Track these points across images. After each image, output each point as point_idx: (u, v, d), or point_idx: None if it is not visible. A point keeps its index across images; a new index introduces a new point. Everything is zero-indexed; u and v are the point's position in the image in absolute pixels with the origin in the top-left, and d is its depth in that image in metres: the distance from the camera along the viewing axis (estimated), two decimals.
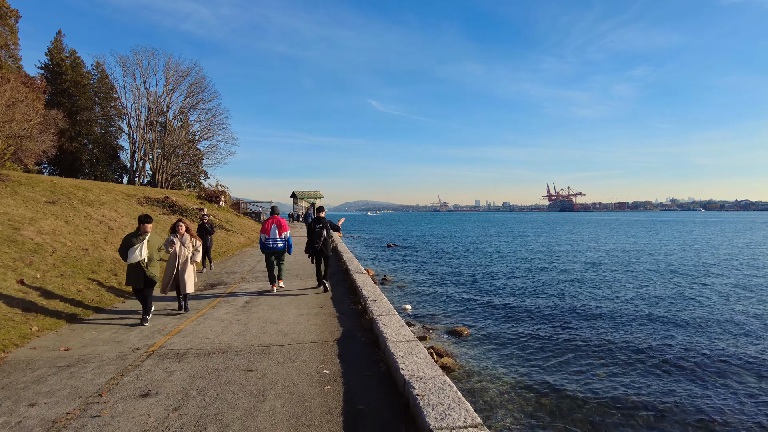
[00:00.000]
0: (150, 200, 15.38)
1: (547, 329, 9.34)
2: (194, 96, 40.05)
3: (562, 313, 10.70)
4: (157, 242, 5.29)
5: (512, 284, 14.45)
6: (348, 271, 7.97)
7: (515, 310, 11.21)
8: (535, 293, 13.02)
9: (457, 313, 10.86)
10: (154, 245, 5.20)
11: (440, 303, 11.87)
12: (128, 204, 13.52)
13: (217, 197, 22.78)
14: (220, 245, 13.61)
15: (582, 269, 17.24)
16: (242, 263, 10.80)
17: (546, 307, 11.25)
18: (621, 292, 12.64)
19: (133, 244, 4.95)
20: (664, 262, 18.78)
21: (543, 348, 7.59)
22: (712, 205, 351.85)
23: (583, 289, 13.19)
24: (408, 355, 3.18)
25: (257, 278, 8.53)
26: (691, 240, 31.89)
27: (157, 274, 5.18)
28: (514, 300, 12.30)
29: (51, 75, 39.96)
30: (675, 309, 10.38)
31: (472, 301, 12.03)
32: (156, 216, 13.61)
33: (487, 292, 13.18)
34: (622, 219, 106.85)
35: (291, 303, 6.01)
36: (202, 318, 5.28)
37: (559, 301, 11.85)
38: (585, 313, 10.44)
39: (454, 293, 13.11)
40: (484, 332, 9.27)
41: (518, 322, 10.07)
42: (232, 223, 19.22)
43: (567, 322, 9.76)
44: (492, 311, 11.12)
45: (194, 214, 16.12)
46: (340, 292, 6.66)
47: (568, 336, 8.58)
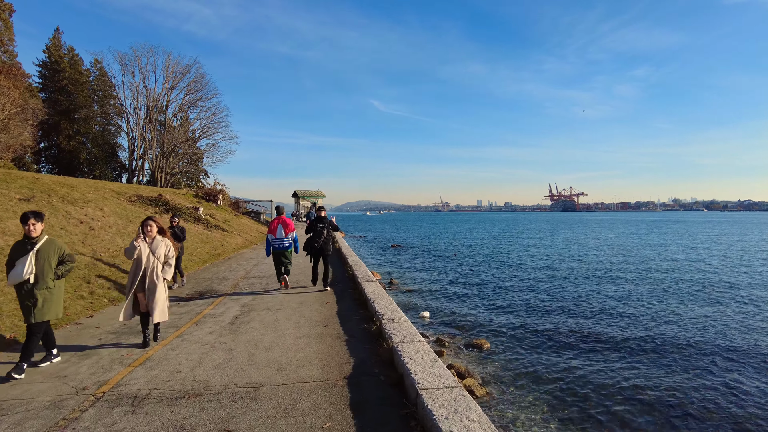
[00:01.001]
0: (142, 198, 14.44)
1: (570, 338, 8.47)
2: (194, 94, 39.18)
3: (582, 319, 9.71)
4: (55, 250, 3.55)
5: (526, 288, 13.38)
6: (355, 278, 6.95)
7: (533, 317, 10.18)
8: (552, 298, 11.96)
9: (473, 322, 9.85)
10: (49, 255, 3.50)
11: (453, 309, 10.85)
12: (117, 203, 12.57)
13: (215, 196, 21.84)
14: (215, 247, 12.63)
15: (599, 272, 16.11)
16: (237, 267, 9.80)
17: (564, 313, 10.22)
18: (652, 302, 11.53)
19: (21, 256, 3.41)
20: (691, 267, 17.65)
21: (571, 364, 6.63)
22: (715, 206, 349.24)
23: (601, 293, 12.09)
24: (454, 415, 2.17)
25: (252, 285, 7.53)
26: (707, 241, 30.68)
27: (50, 310, 3.47)
28: (530, 305, 11.26)
29: (49, 73, 39.25)
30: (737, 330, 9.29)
31: (486, 308, 11.00)
32: (146, 215, 12.66)
33: (500, 297, 12.14)
34: (625, 219, 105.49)
35: (289, 319, 5.00)
36: (179, 340, 4.28)
37: (578, 307, 10.81)
38: (610, 318, 9.39)
39: (466, 298, 12.08)
40: (505, 344, 8.31)
41: (539, 331, 9.07)
42: (230, 223, 18.26)
43: (587, 329, 8.85)
44: (509, 318, 10.08)
45: (189, 213, 15.17)
46: (347, 304, 5.64)
47: (593, 346, 7.72)
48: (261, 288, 7.30)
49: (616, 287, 13.39)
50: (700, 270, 16.48)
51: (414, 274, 16.73)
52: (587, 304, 11.35)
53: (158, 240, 4.16)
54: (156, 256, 4.08)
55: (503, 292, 12.91)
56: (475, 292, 13.03)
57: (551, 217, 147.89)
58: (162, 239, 4.19)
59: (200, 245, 11.95)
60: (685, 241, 30.50)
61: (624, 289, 13.23)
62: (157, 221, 4.23)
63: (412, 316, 10.24)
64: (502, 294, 12.57)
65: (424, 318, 10.20)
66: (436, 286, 13.95)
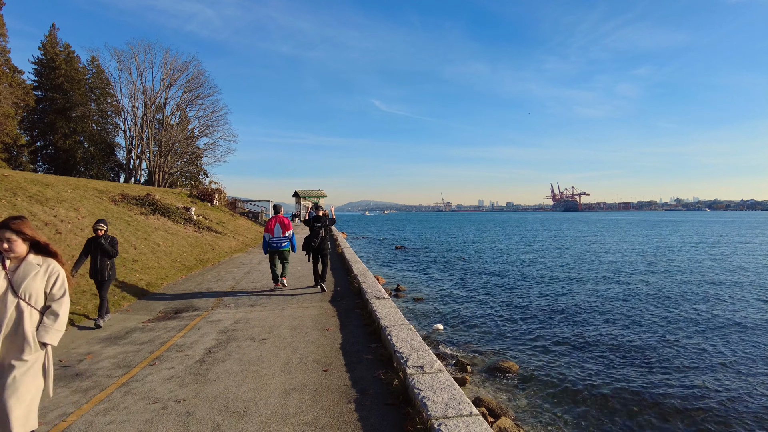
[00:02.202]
0: (127, 198, 13.27)
1: (609, 353, 7.43)
2: (192, 91, 38.14)
3: (617, 329, 8.50)
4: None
5: (545, 294, 12.07)
6: (362, 293, 5.72)
7: (559, 328, 8.96)
8: (576, 305, 10.67)
9: (493, 336, 8.63)
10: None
11: (468, 320, 9.62)
12: (97, 202, 11.40)
13: (210, 196, 20.68)
14: (204, 251, 11.43)
15: (623, 276, 14.75)
16: (225, 276, 8.59)
17: (594, 322, 8.99)
18: (687, 308, 10.20)
19: None
20: (716, 268, 16.29)
21: (616, 386, 5.50)
22: (718, 205, 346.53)
23: (631, 299, 10.75)
24: None
25: (238, 300, 6.32)
26: (730, 243, 29.27)
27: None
28: (552, 314, 10.01)
29: (44, 70, 38.32)
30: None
31: (505, 318, 9.76)
32: (131, 216, 11.49)
33: (518, 306, 10.88)
34: (629, 219, 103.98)
35: (277, 356, 3.76)
36: (122, 392, 3.06)
37: (610, 315, 9.57)
38: (647, 328, 8.12)
39: (481, 307, 10.84)
40: (534, 365, 7.17)
41: (569, 346, 7.85)
42: (225, 224, 17.08)
43: (625, 342, 7.72)
44: (533, 331, 8.84)
45: (179, 214, 14.00)
46: (354, 332, 4.40)
47: (633, 360, 6.61)
48: (249, 304, 6.09)
49: (644, 292, 12.06)
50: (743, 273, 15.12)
51: (422, 278, 15.49)
52: (619, 312, 10.06)
53: (30, 264, 2.09)
54: (23, 296, 2.02)
55: (520, 299, 11.64)
56: (490, 299, 11.78)
57: (554, 217, 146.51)
58: (43, 263, 2.13)
59: (187, 249, 10.77)
60: (708, 243, 29.07)
61: (654, 292, 11.91)
62: (24, 228, 2.09)
63: (425, 328, 9.02)
64: (519, 302, 11.30)
65: (437, 331, 8.99)
66: (446, 293, 12.71)
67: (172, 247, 10.25)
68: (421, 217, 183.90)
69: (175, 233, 11.75)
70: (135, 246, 9.02)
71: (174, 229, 12.23)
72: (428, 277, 15.54)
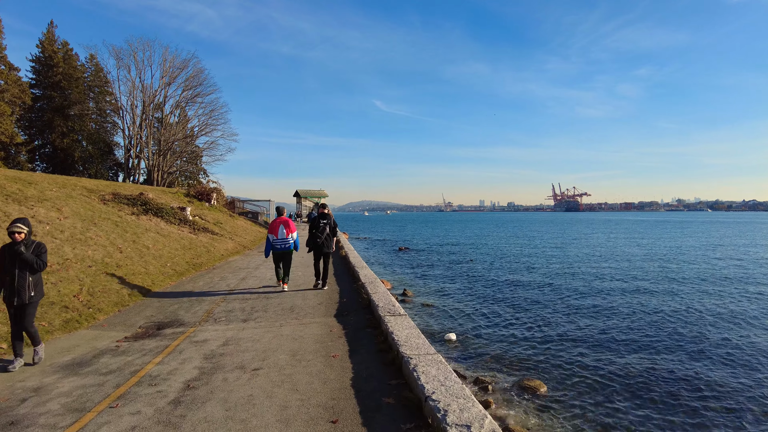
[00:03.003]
0: (118, 197, 12.51)
1: (645, 374, 6.46)
2: (192, 89, 37.49)
3: (646, 339, 7.63)
4: None
5: (562, 300, 11.24)
6: (373, 308, 4.92)
7: (584, 338, 8.14)
8: (603, 316, 9.84)
9: (512, 347, 7.84)
10: None
11: (483, 329, 8.82)
12: (84, 202, 10.64)
13: (207, 195, 19.92)
14: (199, 254, 10.65)
15: (642, 280, 13.86)
16: (219, 283, 7.80)
17: (624, 336, 8.10)
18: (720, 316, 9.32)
19: None
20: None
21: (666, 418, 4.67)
22: (720, 206, 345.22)
23: (655, 306, 9.87)
24: None
25: (231, 312, 5.53)
26: (737, 244, 28.36)
27: None
28: (574, 320, 9.18)
29: (42, 68, 37.75)
30: None
31: (522, 326, 8.97)
32: (120, 217, 10.73)
33: (536, 313, 10.05)
34: (632, 219, 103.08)
35: (272, 395, 2.97)
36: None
37: (639, 327, 8.69)
38: (677, 340, 7.27)
39: (496, 314, 10.03)
40: (565, 384, 6.45)
41: (599, 361, 7.09)
42: (222, 225, 16.31)
43: (658, 360, 6.82)
44: (556, 342, 8.05)
45: (173, 214, 13.23)
46: (368, 362, 3.58)
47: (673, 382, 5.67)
48: (243, 318, 5.31)
49: (672, 296, 11.14)
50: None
51: (429, 282, 14.68)
52: (650, 325, 9.18)
53: None
54: None
55: (537, 306, 10.81)
56: (504, 306, 10.96)
57: (556, 217, 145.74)
58: None
59: (179, 252, 9.99)
60: (733, 245, 28.15)
61: (686, 295, 10.98)
62: None
63: (434, 337, 8.24)
64: (536, 309, 10.48)
65: (450, 341, 8.20)
66: (456, 299, 11.91)
67: (162, 250, 9.48)
68: (423, 217, 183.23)
69: (167, 235, 10.98)
70: (120, 249, 8.25)
71: (167, 230, 11.47)
72: (436, 281, 14.74)
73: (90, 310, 5.35)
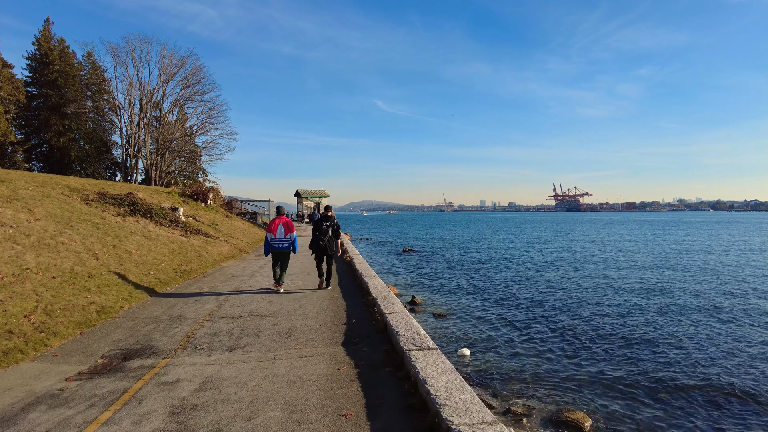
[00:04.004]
0: (104, 196, 11.53)
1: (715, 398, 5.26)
2: (191, 87, 36.65)
3: (705, 354, 6.46)
4: None
5: (590, 309, 10.12)
6: (391, 336, 3.90)
7: (626, 359, 7.06)
8: (638, 326, 8.71)
9: (542, 367, 6.84)
10: None
11: (505, 346, 7.80)
12: (63, 202, 9.66)
13: (204, 195, 18.94)
14: (189, 259, 9.65)
15: (674, 284, 12.74)
16: (207, 294, 6.79)
17: (670, 355, 6.95)
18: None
19: None
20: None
21: None
22: (721, 206, 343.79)
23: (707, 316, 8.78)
24: None
25: (216, 336, 4.52)
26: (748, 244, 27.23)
27: None
28: (608, 337, 8.09)
29: (38, 65, 36.97)
30: None
31: (550, 342, 7.95)
32: (103, 218, 9.74)
33: (564, 324, 9.02)
34: (635, 219, 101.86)
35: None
36: None
37: (690, 342, 7.48)
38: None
39: (519, 327, 9.01)
40: (615, 418, 5.37)
41: (649, 390, 5.98)
42: (218, 226, 15.32)
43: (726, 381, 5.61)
44: (587, 360, 7.04)
45: (163, 215, 12.24)
46: (392, 425, 2.58)
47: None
48: (230, 343, 4.30)
49: (716, 309, 10.00)
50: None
51: (438, 288, 13.67)
52: (700, 337, 7.98)
53: None
54: None
55: (562, 315, 9.77)
56: (523, 315, 9.92)
57: (558, 217, 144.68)
58: None
59: (167, 258, 9.00)
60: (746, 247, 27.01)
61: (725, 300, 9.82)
62: None
63: (453, 348, 7.24)
64: (561, 319, 9.43)
65: (464, 357, 7.20)
66: (471, 308, 10.89)
67: (147, 256, 8.49)
68: (424, 217, 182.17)
69: (155, 238, 10.00)
70: (97, 255, 7.26)
71: (155, 233, 10.48)
72: (446, 287, 13.72)
73: (42, 335, 4.36)
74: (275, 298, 6.34)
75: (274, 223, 6.90)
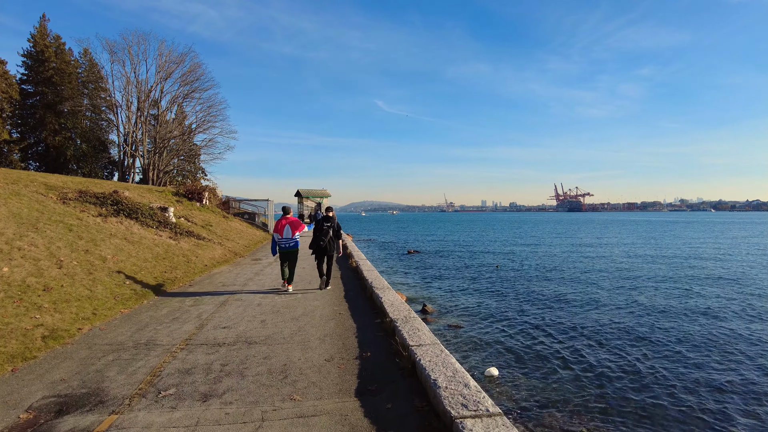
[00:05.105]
0: (85, 195, 10.46)
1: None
2: (189, 84, 35.69)
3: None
4: None
5: (618, 317, 8.82)
6: (425, 384, 2.77)
7: (675, 376, 5.88)
8: (687, 337, 7.43)
9: (583, 393, 5.70)
10: None
11: (534, 361, 6.70)
12: (34, 201, 8.58)
13: (199, 194, 17.87)
14: (175, 265, 8.53)
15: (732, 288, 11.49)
16: (189, 311, 5.66)
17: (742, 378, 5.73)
18: None
19: None
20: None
21: None
22: (723, 206, 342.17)
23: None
24: None
25: (189, 375, 3.41)
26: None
27: None
28: (652, 354, 6.90)
29: (33, 63, 36.13)
30: None
31: (583, 358, 6.82)
32: (79, 219, 8.66)
33: (593, 336, 7.88)
34: (639, 219, 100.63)
35: None
36: None
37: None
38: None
39: (544, 341, 7.87)
40: None
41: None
42: (213, 227, 14.22)
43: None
44: (632, 382, 5.85)
45: (151, 215, 11.15)
46: None
47: None
48: (205, 389, 3.19)
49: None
50: None
51: (450, 294, 12.54)
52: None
53: None
54: None
55: (591, 327, 8.60)
56: (551, 327, 8.76)
57: (561, 217, 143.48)
58: None
59: (150, 264, 7.90)
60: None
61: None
62: None
63: (474, 365, 6.11)
64: (592, 332, 8.26)
65: (491, 377, 6.09)
66: (488, 317, 9.76)
67: (125, 263, 7.39)
68: (426, 217, 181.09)
69: (137, 241, 8.91)
70: (61, 263, 6.16)
71: (139, 235, 9.39)
72: (457, 293, 12.58)
73: None
74: (269, 317, 5.22)
75: (281, 223, 6.92)
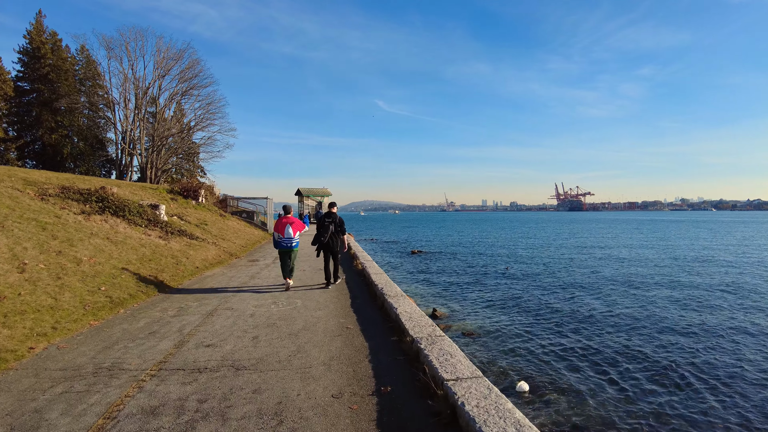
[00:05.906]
0: (67, 191, 9.66)
1: None
2: (187, 81, 34.92)
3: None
4: None
5: (649, 323, 7.71)
6: (462, 427, 1.93)
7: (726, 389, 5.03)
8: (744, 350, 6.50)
9: (621, 409, 4.88)
10: None
11: (563, 372, 5.92)
12: (8, 197, 7.77)
13: (195, 191, 17.06)
14: (162, 268, 7.69)
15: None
16: (170, 322, 4.83)
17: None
18: None
19: None
20: None
21: None
22: (724, 205, 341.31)
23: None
24: None
25: (156, 417, 2.60)
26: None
27: None
28: (697, 364, 5.96)
29: (30, 60, 35.45)
30: None
31: (615, 366, 5.98)
32: (57, 217, 7.86)
33: (623, 342, 7.03)
34: (642, 219, 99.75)
35: None
36: None
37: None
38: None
39: (567, 346, 7.09)
40: None
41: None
42: (208, 226, 13.40)
43: None
44: (679, 399, 5.01)
45: (140, 213, 10.35)
46: None
47: None
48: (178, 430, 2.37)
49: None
50: None
51: (459, 298, 11.70)
52: None
53: None
54: None
55: (619, 332, 7.75)
56: (574, 334, 7.92)
57: (563, 217, 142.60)
58: None
59: (133, 267, 7.08)
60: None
61: None
62: None
63: (500, 380, 5.30)
64: (622, 338, 7.41)
65: (522, 394, 5.28)
66: (504, 322, 8.93)
67: (103, 265, 6.58)
68: (427, 217, 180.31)
69: (122, 241, 8.09)
70: (24, 267, 5.34)
71: (123, 234, 8.58)
72: (467, 296, 11.74)
73: None
74: (262, 332, 4.38)
75: (281, 222, 6.95)
